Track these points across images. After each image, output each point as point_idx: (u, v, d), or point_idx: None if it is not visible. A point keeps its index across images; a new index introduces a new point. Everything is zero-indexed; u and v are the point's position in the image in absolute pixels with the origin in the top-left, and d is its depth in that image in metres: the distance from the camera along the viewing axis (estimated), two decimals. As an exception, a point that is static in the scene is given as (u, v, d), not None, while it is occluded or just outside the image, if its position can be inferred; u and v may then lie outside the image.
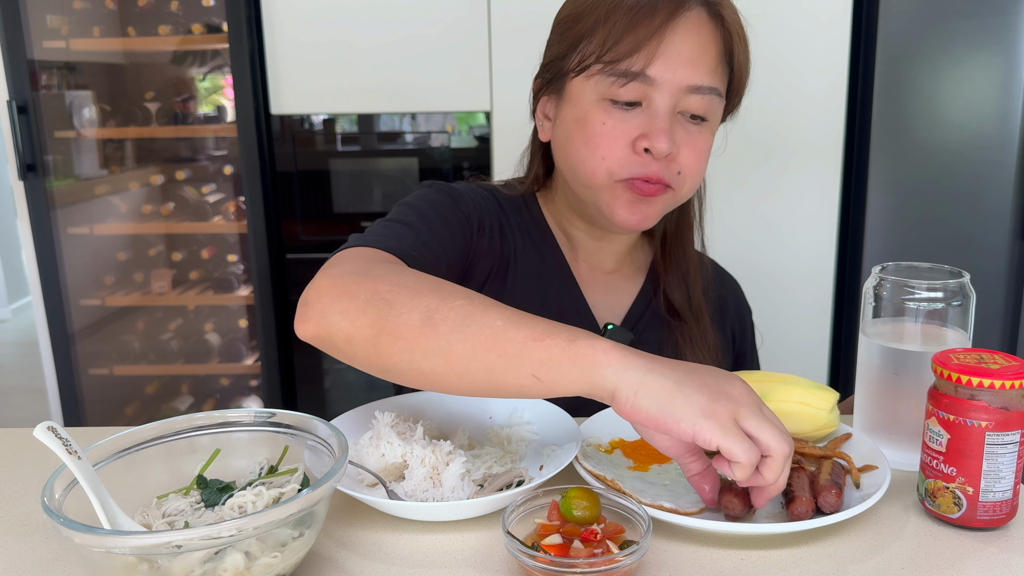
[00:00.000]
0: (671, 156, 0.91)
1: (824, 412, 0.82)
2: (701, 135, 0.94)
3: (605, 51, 0.89)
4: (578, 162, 0.94)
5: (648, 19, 0.88)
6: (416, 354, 0.68)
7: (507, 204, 1.06)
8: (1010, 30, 1.95)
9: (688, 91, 0.90)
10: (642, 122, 0.90)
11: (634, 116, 0.90)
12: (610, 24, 0.89)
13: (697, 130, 0.93)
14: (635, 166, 0.91)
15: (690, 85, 0.90)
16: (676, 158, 0.92)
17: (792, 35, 2.04)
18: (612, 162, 0.91)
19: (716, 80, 0.92)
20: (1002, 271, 2.08)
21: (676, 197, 0.96)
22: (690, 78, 0.89)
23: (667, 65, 0.88)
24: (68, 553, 0.69)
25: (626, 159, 0.91)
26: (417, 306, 0.69)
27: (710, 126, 0.95)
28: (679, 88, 0.89)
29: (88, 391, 2.46)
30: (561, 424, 0.84)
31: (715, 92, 0.92)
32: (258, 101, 2.18)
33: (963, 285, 0.80)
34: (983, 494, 0.69)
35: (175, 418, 0.73)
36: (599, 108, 0.91)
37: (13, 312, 4.93)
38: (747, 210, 2.15)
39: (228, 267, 2.54)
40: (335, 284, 0.73)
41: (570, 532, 0.64)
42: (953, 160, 2.03)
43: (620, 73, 0.89)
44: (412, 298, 0.69)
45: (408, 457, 0.79)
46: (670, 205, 0.97)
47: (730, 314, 1.15)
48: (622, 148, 0.91)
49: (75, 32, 2.33)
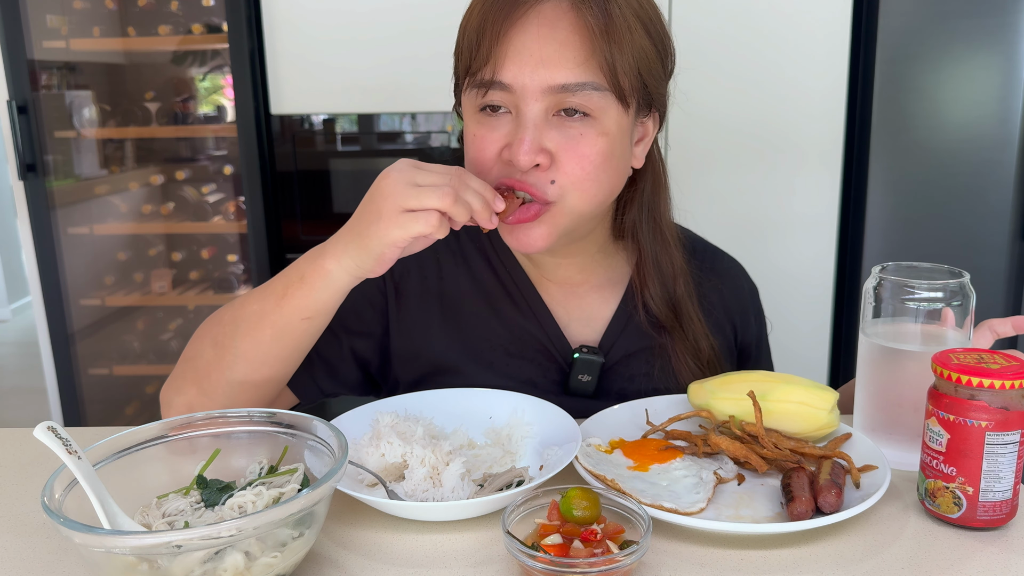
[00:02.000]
0: (543, 166, 0.84)
1: (824, 412, 0.82)
2: (585, 138, 0.83)
3: (468, 63, 0.86)
4: None
5: (492, 22, 0.82)
6: (231, 372, 0.84)
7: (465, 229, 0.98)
8: (1010, 30, 1.95)
9: (554, 91, 0.82)
10: (510, 131, 0.84)
11: (503, 124, 0.85)
12: (467, 34, 0.86)
13: (578, 132, 0.83)
14: (505, 173, 0.85)
15: (551, 86, 0.81)
16: (551, 167, 0.84)
17: (792, 35, 2.04)
18: (484, 173, 0.86)
19: (588, 74, 0.82)
20: (1002, 271, 2.08)
21: (562, 212, 0.86)
22: (550, 78, 0.81)
23: (519, 68, 0.81)
24: (68, 553, 0.69)
25: (496, 169, 0.86)
26: (205, 343, 0.87)
27: (597, 124, 0.84)
28: (540, 91, 0.82)
29: (88, 391, 2.45)
30: (561, 424, 0.84)
31: (590, 87, 0.82)
32: (258, 101, 2.18)
33: (963, 285, 0.80)
34: (983, 494, 0.69)
35: (175, 418, 0.73)
36: (473, 121, 0.88)
37: (13, 312, 4.93)
38: (747, 210, 2.15)
39: (228, 267, 2.54)
40: (167, 385, 0.91)
41: (570, 532, 0.64)
42: (953, 160, 2.03)
43: (479, 83, 0.84)
44: (200, 340, 0.88)
45: (408, 457, 0.79)
46: (562, 222, 0.87)
47: (728, 306, 1.06)
48: (490, 158, 0.86)
49: (75, 32, 2.33)
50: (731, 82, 2.07)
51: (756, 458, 0.78)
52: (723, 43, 2.05)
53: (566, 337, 0.99)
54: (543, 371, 0.97)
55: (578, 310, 1.01)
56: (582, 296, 1.01)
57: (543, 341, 0.98)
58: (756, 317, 1.11)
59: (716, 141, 2.10)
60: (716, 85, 2.07)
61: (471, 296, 1.00)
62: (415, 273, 1.00)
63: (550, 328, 0.98)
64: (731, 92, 2.07)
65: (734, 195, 2.14)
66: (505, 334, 0.98)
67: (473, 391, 0.91)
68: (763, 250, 2.17)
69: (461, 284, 1.00)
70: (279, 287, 0.82)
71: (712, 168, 2.12)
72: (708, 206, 2.14)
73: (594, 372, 0.96)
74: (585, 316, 1.01)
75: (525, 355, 0.98)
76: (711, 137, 2.10)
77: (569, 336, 0.99)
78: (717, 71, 2.06)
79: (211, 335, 0.87)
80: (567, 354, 0.98)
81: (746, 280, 1.12)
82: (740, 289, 1.10)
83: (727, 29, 2.05)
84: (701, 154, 2.11)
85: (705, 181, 2.13)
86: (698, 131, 2.09)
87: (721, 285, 1.06)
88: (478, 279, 1.01)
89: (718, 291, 1.06)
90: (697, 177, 2.12)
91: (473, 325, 0.99)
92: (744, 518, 0.72)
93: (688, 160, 2.11)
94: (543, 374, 0.97)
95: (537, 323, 0.98)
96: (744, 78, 2.07)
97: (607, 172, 0.86)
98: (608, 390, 0.98)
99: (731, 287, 1.08)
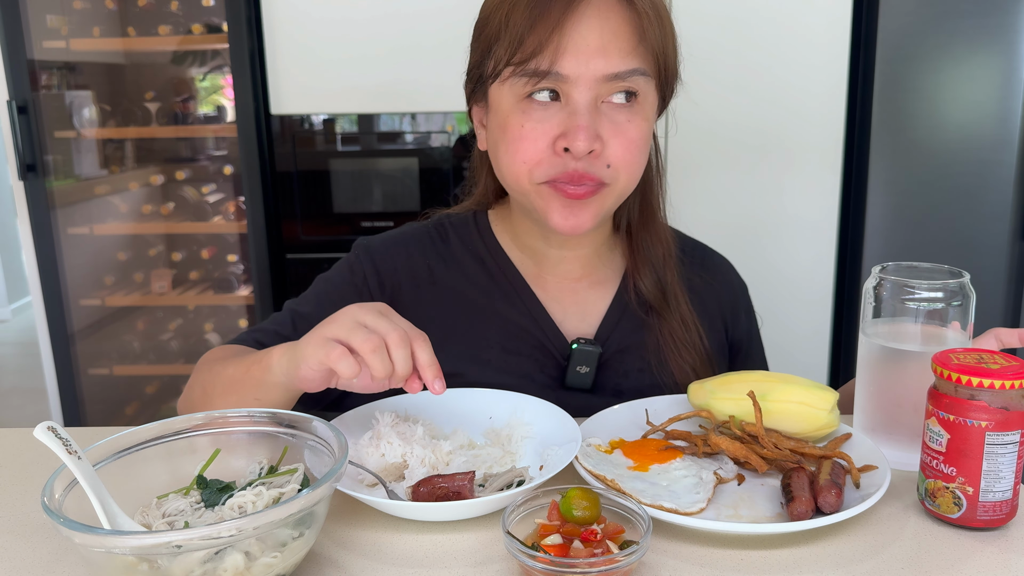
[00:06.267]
0: (596, 152, 0.87)
1: (824, 412, 0.82)
2: (631, 123, 0.88)
3: (513, 53, 0.86)
4: (504, 169, 0.92)
5: (547, 14, 0.84)
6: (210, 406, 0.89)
7: (455, 229, 1.05)
8: (1010, 30, 1.95)
9: (606, 80, 0.86)
10: (562, 120, 0.87)
11: (554, 115, 0.87)
12: (512, 24, 0.86)
13: (626, 119, 0.88)
14: (558, 167, 0.88)
15: (606, 75, 0.85)
16: (603, 152, 0.88)
17: (792, 35, 2.04)
18: (534, 165, 0.88)
19: (637, 61, 0.87)
20: (1002, 271, 2.08)
21: (612, 192, 0.91)
22: (604, 67, 0.85)
23: (576, 58, 0.85)
24: (68, 553, 0.69)
25: (548, 160, 0.88)
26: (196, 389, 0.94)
27: (642, 110, 0.89)
28: (594, 80, 0.85)
29: (88, 391, 2.45)
30: (561, 424, 0.84)
31: (638, 73, 0.87)
32: (258, 101, 2.18)
33: (963, 285, 0.80)
34: (983, 494, 0.69)
35: (175, 418, 0.73)
36: (517, 111, 0.88)
37: (13, 312, 4.93)
38: (747, 210, 2.15)
39: (228, 267, 2.54)
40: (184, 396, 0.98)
41: (570, 532, 0.64)
42: (953, 160, 2.03)
43: (530, 73, 0.86)
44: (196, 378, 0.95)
45: (408, 457, 0.79)
46: (609, 203, 0.92)
47: (720, 302, 1.08)
48: (543, 150, 0.88)
49: (75, 32, 2.33)
50: (731, 83, 2.07)
51: (756, 458, 0.78)
52: (723, 44, 2.05)
53: (562, 332, 1.00)
54: (540, 366, 0.98)
55: (574, 305, 1.02)
56: (579, 291, 1.03)
57: (539, 337, 0.99)
58: (747, 313, 1.13)
59: (716, 142, 2.10)
60: (716, 86, 2.07)
61: (465, 297, 1.01)
62: (407, 283, 1.02)
63: (545, 323, 1.00)
64: (731, 93, 2.07)
65: (734, 196, 2.13)
66: (501, 331, 0.99)
67: (473, 391, 0.92)
68: (763, 250, 2.17)
69: (455, 286, 1.02)
70: (248, 362, 0.85)
71: (712, 169, 2.12)
72: (708, 206, 2.14)
73: (592, 363, 0.97)
74: (581, 311, 1.02)
75: (522, 351, 0.99)
76: (711, 138, 2.10)
77: (565, 331, 1.00)
78: (717, 72, 2.06)
79: (201, 381, 0.93)
80: (564, 348, 0.99)
81: (736, 277, 1.13)
82: (730, 285, 1.11)
83: (727, 30, 2.04)
84: (701, 155, 2.11)
85: (705, 182, 2.13)
86: (698, 132, 2.09)
87: (712, 281, 1.08)
88: (472, 280, 1.02)
89: (709, 287, 1.08)
90: (698, 178, 2.12)
91: (469, 325, 0.99)
92: (744, 518, 0.72)
93: (688, 161, 2.11)
94: (540, 369, 0.98)
95: (532, 319, 1.00)
96: (744, 79, 2.07)
97: (645, 154, 0.93)
98: (604, 384, 0.99)
99: (722, 283, 1.10)
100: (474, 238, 1.04)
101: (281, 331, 1.00)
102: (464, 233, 1.05)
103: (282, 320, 1.02)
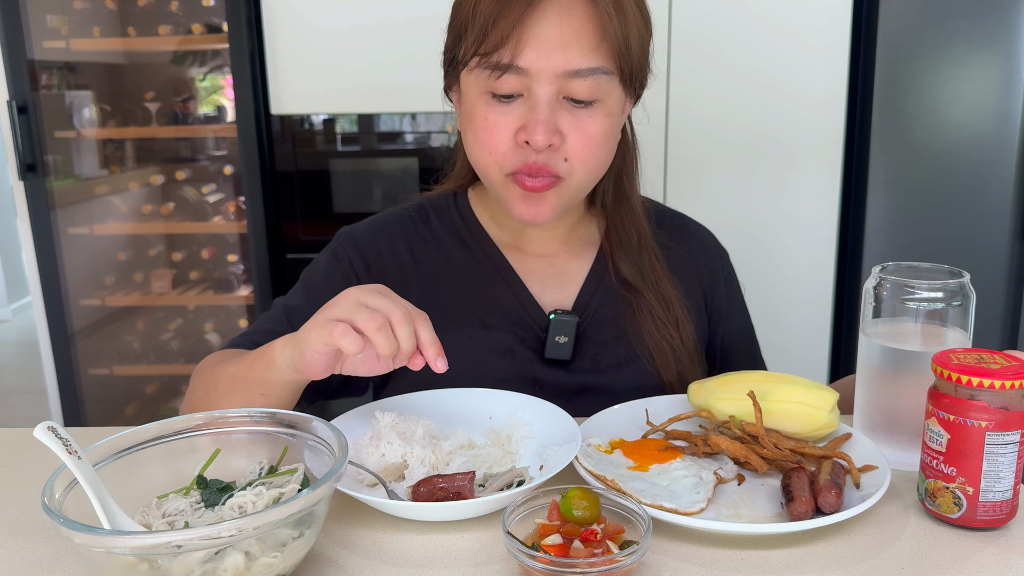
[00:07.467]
0: (555, 146, 0.89)
1: (824, 412, 0.82)
2: (591, 119, 0.90)
3: (479, 44, 0.87)
4: (475, 157, 0.95)
5: (510, 7, 0.85)
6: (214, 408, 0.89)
7: (435, 210, 1.07)
8: (1010, 30, 1.95)
9: (567, 76, 0.87)
10: (523, 113, 0.89)
11: (515, 108, 0.89)
12: (479, 15, 0.87)
13: (586, 114, 0.89)
14: (520, 158, 0.90)
15: (566, 71, 0.86)
16: (562, 146, 0.89)
17: (792, 35, 2.04)
18: (499, 156, 0.91)
19: (599, 59, 0.88)
20: (1002, 271, 2.08)
21: (568, 187, 0.93)
22: (565, 63, 0.86)
23: (538, 53, 0.86)
24: (68, 553, 0.69)
25: (511, 152, 0.90)
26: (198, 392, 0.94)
27: (604, 107, 0.90)
28: (555, 75, 0.87)
29: (88, 391, 2.45)
30: (561, 424, 0.84)
31: (599, 72, 0.88)
32: (258, 101, 2.18)
33: (963, 285, 0.80)
34: (983, 494, 0.69)
35: (175, 418, 0.73)
36: (482, 102, 0.90)
37: (13, 312, 4.93)
38: (747, 210, 2.15)
39: (228, 267, 2.54)
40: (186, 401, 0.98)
41: (570, 532, 0.64)
42: (953, 160, 2.03)
43: (493, 66, 0.87)
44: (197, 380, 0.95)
45: (408, 457, 0.79)
46: (567, 195, 0.94)
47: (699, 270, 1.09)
48: (506, 142, 0.90)
49: (75, 32, 2.33)
50: (731, 83, 2.07)
51: (756, 458, 0.78)
52: (723, 44, 2.05)
53: (540, 305, 1.02)
54: (520, 339, 1.00)
55: (552, 278, 1.05)
56: (557, 265, 1.05)
57: (519, 311, 1.01)
58: (727, 280, 1.14)
59: (716, 142, 2.10)
60: (716, 87, 2.07)
61: (447, 276, 1.03)
62: (391, 266, 1.04)
63: (524, 297, 1.02)
64: (731, 93, 2.07)
65: (735, 196, 2.13)
66: (480, 307, 1.01)
67: (473, 391, 0.92)
68: (764, 250, 2.17)
69: (435, 265, 1.04)
70: (249, 359, 0.85)
71: (712, 169, 2.12)
72: (709, 207, 2.14)
73: (570, 332, 0.99)
74: (559, 284, 1.05)
75: (502, 326, 1.01)
76: (711, 139, 2.10)
77: (544, 304, 1.03)
78: (717, 73, 2.06)
79: (203, 384, 0.93)
80: (543, 321, 1.01)
81: (714, 244, 1.15)
82: (708, 253, 1.12)
83: (727, 30, 2.04)
84: (701, 155, 2.11)
85: (705, 182, 2.13)
86: (698, 133, 2.09)
87: (690, 250, 1.10)
88: (451, 259, 1.04)
89: (688, 256, 1.09)
90: (697, 179, 2.12)
91: (449, 302, 1.01)
92: (744, 518, 0.72)
93: (688, 161, 2.11)
94: (520, 342, 1.00)
95: (511, 294, 1.02)
96: (744, 79, 2.07)
97: (607, 149, 0.94)
98: (583, 355, 1.01)
99: (699, 251, 1.11)
100: (454, 218, 1.07)
101: (276, 328, 1.00)
102: (445, 214, 1.08)
103: (274, 317, 1.02)
